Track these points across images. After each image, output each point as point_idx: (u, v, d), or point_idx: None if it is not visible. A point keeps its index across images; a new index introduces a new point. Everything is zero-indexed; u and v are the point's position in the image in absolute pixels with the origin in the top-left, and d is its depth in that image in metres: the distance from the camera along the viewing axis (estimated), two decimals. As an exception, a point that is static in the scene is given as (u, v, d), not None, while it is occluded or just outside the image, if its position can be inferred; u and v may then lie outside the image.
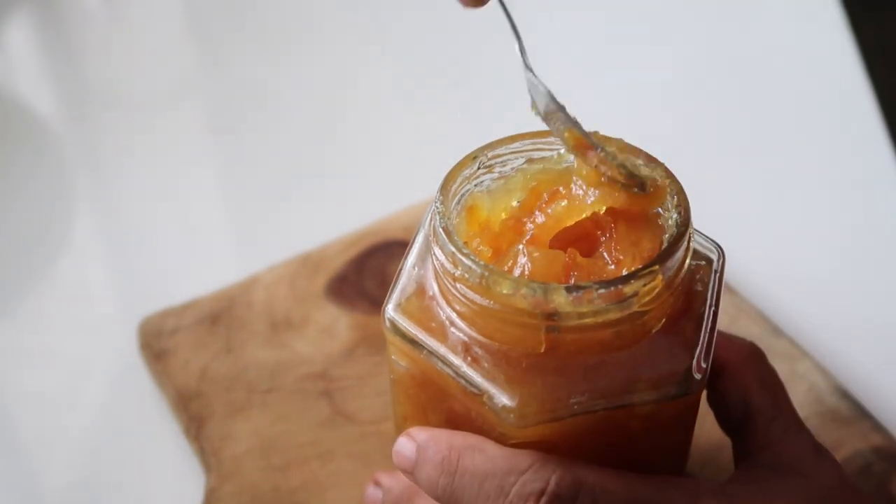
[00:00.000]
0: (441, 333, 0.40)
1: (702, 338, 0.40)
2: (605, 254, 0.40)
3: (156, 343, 0.58)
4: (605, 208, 0.40)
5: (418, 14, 0.84)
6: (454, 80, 0.78)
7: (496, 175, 0.42)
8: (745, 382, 0.43)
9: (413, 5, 0.85)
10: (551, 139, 0.43)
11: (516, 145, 0.43)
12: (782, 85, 0.77)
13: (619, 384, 0.38)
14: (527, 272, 0.39)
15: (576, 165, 0.41)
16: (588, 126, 0.43)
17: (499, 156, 0.42)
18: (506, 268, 0.39)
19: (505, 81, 0.78)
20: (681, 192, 0.41)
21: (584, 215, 0.40)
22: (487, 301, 0.38)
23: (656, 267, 0.38)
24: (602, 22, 0.83)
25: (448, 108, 0.76)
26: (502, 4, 0.43)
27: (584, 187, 0.41)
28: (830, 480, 0.40)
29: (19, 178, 0.71)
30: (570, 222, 0.40)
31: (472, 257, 0.38)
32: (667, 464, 0.44)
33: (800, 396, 0.54)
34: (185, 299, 0.60)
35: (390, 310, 0.41)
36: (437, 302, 0.40)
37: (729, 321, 0.57)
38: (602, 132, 0.43)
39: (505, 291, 0.37)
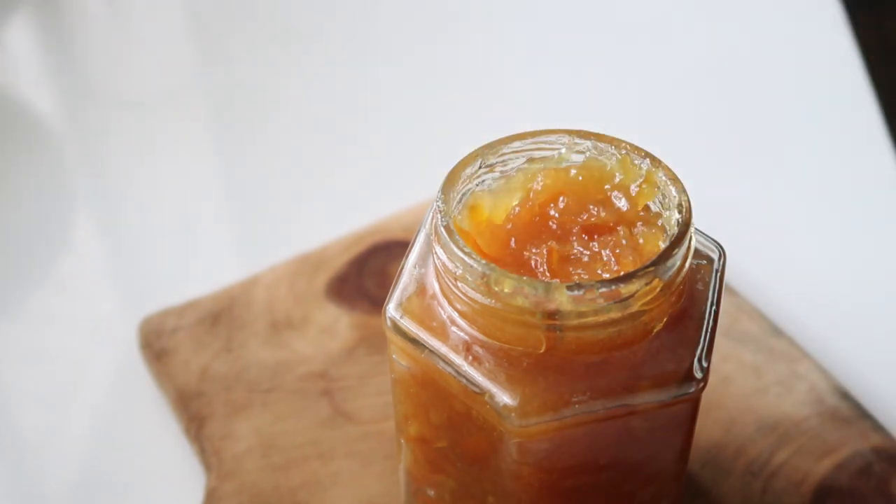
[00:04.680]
0: (442, 332, 0.40)
1: (703, 337, 0.40)
2: (605, 251, 0.40)
3: (156, 343, 0.58)
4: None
5: (419, 14, 0.84)
6: (455, 80, 0.78)
7: (497, 174, 0.42)
8: None
9: (414, 5, 0.85)
10: (552, 138, 0.43)
11: (517, 144, 0.43)
12: (782, 85, 0.77)
13: (621, 383, 0.38)
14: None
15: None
16: (591, 127, 0.43)
17: (500, 155, 0.43)
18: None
19: (506, 81, 0.79)
20: (683, 192, 0.41)
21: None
22: (489, 300, 0.38)
23: (658, 266, 0.38)
24: (604, 20, 0.83)
25: (448, 108, 0.76)
26: None
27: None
28: None
29: (19, 178, 0.71)
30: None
31: (474, 256, 0.38)
32: (668, 463, 0.44)
33: (800, 396, 0.54)
34: (185, 299, 0.60)
35: (391, 309, 0.41)
36: (439, 301, 0.41)
37: (729, 321, 0.57)
38: (606, 132, 0.43)
39: (506, 290, 0.37)
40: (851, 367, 0.57)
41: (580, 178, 0.42)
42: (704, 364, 0.40)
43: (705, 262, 0.42)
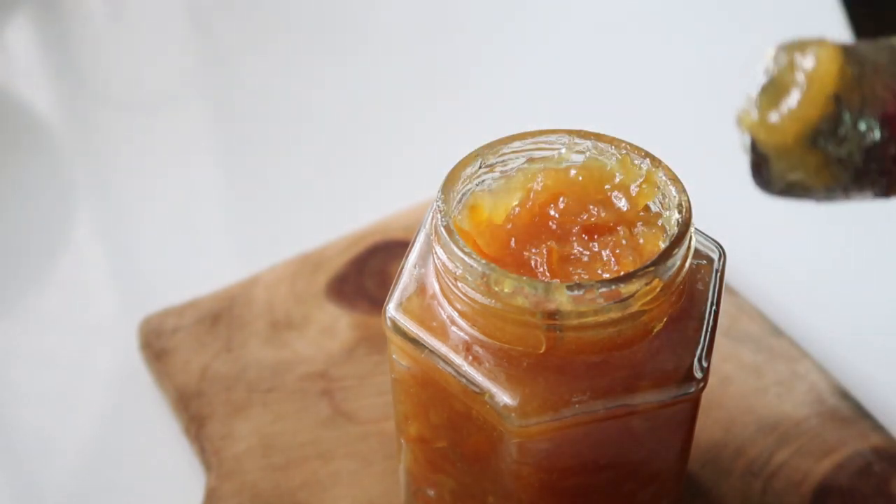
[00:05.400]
0: (442, 332, 0.40)
1: (703, 337, 0.40)
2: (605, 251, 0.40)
3: (156, 343, 0.58)
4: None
5: (419, 14, 0.84)
6: (455, 80, 0.78)
7: (497, 174, 0.42)
8: None
9: (414, 5, 0.85)
10: (552, 138, 0.43)
11: (517, 144, 0.43)
12: (782, 85, 0.76)
13: (621, 383, 0.38)
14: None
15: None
16: (591, 127, 0.43)
17: (500, 155, 0.43)
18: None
19: (505, 81, 0.79)
20: (683, 192, 0.41)
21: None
22: (489, 300, 0.38)
23: (658, 266, 0.38)
24: (604, 21, 0.83)
25: (448, 108, 0.76)
26: None
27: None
28: None
29: (19, 178, 0.71)
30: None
31: (474, 256, 0.38)
32: (668, 463, 0.44)
33: (800, 396, 0.54)
34: (185, 299, 0.60)
35: (391, 309, 0.41)
36: (439, 301, 0.41)
37: (729, 321, 0.57)
38: (606, 132, 0.43)
39: (506, 290, 0.37)
40: (851, 367, 0.57)
41: (580, 178, 0.42)
42: (704, 364, 0.40)
43: (705, 262, 0.42)
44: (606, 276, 0.39)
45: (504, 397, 0.38)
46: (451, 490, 0.45)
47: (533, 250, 0.40)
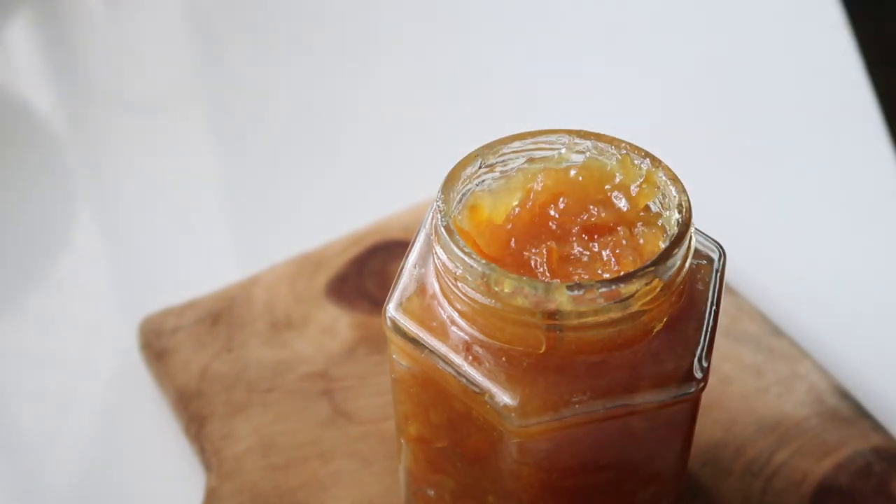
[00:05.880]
0: (442, 332, 0.40)
1: (703, 337, 0.40)
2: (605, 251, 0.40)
3: (156, 343, 0.58)
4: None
5: (419, 14, 0.84)
6: (455, 80, 0.78)
7: (498, 174, 0.42)
8: None
9: (414, 6, 0.85)
10: (552, 138, 0.43)
11: (517, 144, 0.43)
12: (782, 85, 0.77)
13: (621, 383, 0.38)
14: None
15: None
16: (592, 127, 0.43)
17: (500, 155, 0.43)
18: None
19: (506, 81, 0.79)
20: (683, 192, 0.41)
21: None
22: (489, 300, 0.38)
23: (658, 266, 0.38)
24: (604, 21, 0.83)
25: (448, 108, 0.76)
26: None
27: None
28: None
29: (19, 178, 0.71)
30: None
31: (474, 256, 0.38)
32: (668, 463, 0.44)
33: (800, 396, 0.54)
34: (185, 299, 0.60)
35: (391, 309, 0.41)
36: (439, 301, 0.41)
37: (729, 321, 0.57)
38: (606, 132, 0.43)
39: (506, 290, 0.37)
40: (851, 367, 0.57)
41: (580, 178, 0.42)
42: (704, 364, 0.40)
43: (705, 262, 0.42)
44: (606, 276, 0.39)
45: (504, 397, 0.38)
46: (451, 490, 0.45)
47: (533, 250, 0.40)
